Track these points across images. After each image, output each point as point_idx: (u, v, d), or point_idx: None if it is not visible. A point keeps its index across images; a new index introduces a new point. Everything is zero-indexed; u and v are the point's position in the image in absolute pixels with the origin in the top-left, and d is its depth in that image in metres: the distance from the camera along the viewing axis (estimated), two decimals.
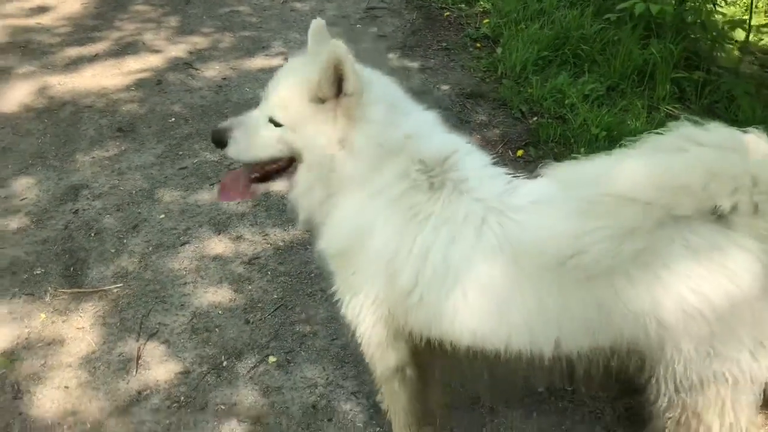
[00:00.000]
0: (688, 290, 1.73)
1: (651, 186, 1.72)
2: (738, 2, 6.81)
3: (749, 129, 1.84)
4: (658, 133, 1.86)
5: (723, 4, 5.87)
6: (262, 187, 2.16)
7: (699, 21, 5.35)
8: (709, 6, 5.53)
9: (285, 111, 1.97)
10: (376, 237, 1.95)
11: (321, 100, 1.91)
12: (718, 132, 1.78)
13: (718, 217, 1.72)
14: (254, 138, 2.02)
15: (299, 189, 2.04)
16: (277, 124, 1.99)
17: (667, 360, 1.83)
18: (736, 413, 1.90)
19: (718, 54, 5.32)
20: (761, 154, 1.73)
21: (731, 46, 5.37)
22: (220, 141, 2.06)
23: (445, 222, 1.92)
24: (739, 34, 5.42)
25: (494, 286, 1.88)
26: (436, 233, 1.92)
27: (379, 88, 2.03)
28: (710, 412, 1.90)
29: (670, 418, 1.99)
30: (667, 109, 4.74)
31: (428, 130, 2.04)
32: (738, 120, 4.40)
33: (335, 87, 1.89)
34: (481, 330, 1.93)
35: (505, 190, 1.98)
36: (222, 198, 2.25)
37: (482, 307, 1.90)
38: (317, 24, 2.17)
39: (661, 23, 5.33)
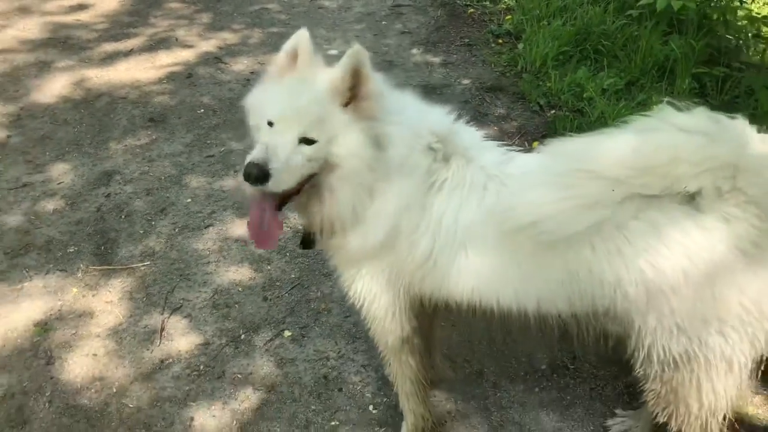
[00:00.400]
0: (648, 265, 1.81)
1: (620, 164, 1.81)
2: None
3: (737, 115, 1.90)
4: (644, 114, 1.94)
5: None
6: (282, 215, 2.05)
7: (722, 17, 5.35)
8: (734, 3, 5.53)
9: (321, 125, 1.91)
10: (408, 216, 2.03)
11: (347, 105, 1.93)
12: (694, 116, 1.83)
13: (689, 198, 1.79)
14: (291, 165, 1.89)
15: (345, 199, 1.98)
16: (310, 142, 1.90)
17: (637, 332, 1.91)
18: (715, 394, 1.95)
19: (742, 50, 5.32)
20: (733, 141, 1.79)
21: (753, 41, 5.36)
22: (263, 177, 1.85)
23: (455, 187, 2.03)
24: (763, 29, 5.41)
25: (487, 247, 1.99)
26: (449, 198, 2.03)
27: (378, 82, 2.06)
28: (686, 390, 1.96)
29: (652, 391, 2.07)
30: (687, 103, 4.77)
31: (425, 106, 2.17)
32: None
33: (353, 91, 1.93)
34: (478, 286, 2.03)
35: (502, 159, 2.10)
36: (260, 247, 2.08)
37: (479, 266, 2.01)
38: (303, 35, 2.05)
39: (683, 19, 5.36)
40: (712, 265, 1.78)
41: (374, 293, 2.19)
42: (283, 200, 1.99)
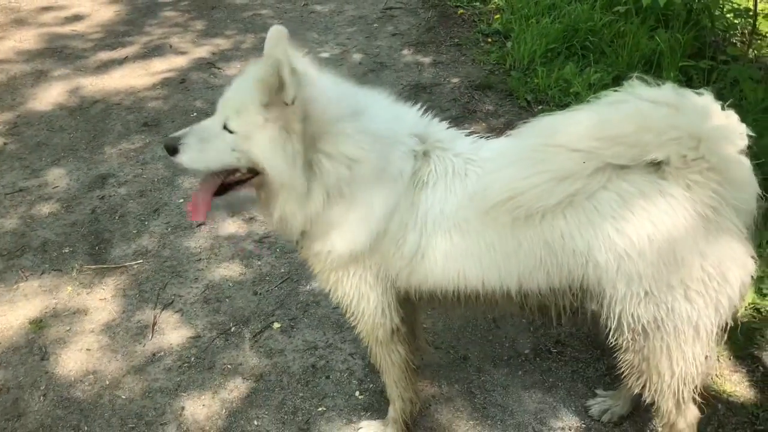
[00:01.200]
0: (615, 231, 1.88)
1: (589, 136, 1.87)
2: None
3: (702, 90, 1.97)
4: (614, 90, 2.01)
5: None
6: (222, 201, 2.10)
7: (707, 11, 5.41)
8: None
9: (238, 117, 1.93)
10: (395, 217, 2.08)
11: (276, 105, 1.88)
12: (661, 89, 1.91)
13: (655, 167, 1.86)
14: (207, 146, 1.96)
15: (277, 205, 2.01)
16: (231, 132, 1.94)
17: (608, 300, 1.97)
18: (686, 360, 2.01)
19: (727, 43, 5.38)
20: (696, 112, 1.86)
21: (738, 34, 5.42)
22: (172, 148, 1.98)
23: (438, 179, 2.09)
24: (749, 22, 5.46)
25: (470, 229, 2.05)
26: (434, 191, 2.09)
27: (324, 90, 2.01)
28: (657, 358, 2.03)
29: (626, 362, 2.13)
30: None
31: (397, 107, 2.20)
32: (742, 104, 4.47)
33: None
34: (463, 270, 2.08)
35: (474, 145, 2.16)
36: (190, 218, 2.26)
37: (464, 249, 2.06)
38: (276, 31, 2.01)
39: (670, 14, 5.42)
40: (674, 229, 1.86)
41: (362, 292, 2.23)
42: (224, 186, 2.05)
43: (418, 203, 2.08)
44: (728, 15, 5.57)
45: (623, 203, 1.88)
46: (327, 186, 1.98)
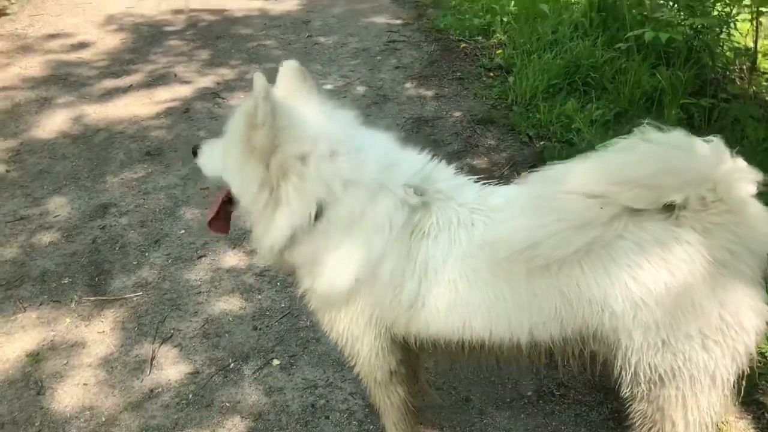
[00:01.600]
0: (632, 280, 1.86)
1: (605, 181, 1.87)
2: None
3: (711, 138, 1.97)
4: (623, 137, 2.01)
5: (735, 30, 5.96)
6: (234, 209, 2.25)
7: (707, 49, 5.46)
8: (722, 35, 5.63)
9: (225, 143, 2.08)
10: (385, 265, 2.07)
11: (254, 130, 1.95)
12: (673, 134, 1.91)
13: (669, 212, 1.85)
14: (211, 156, 2.19)
15: (253, 231, 2.14)
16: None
17: (624, 350, 1.94)
18: (700, 410, 1.98)
19: (728, 81, 5.42)
20: (709, 155, 1.87)
21: (738, 72, 5.46)
22: (194, 151, 2.25)
23: (441, 230, 2.07)
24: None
25: (479, 279, 2.02)
26: (436, 242, 2.06)
27: (321, 126, 2.07)
28: (672, 407, 1.99)
29: (638, 411, 2.10)
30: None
31: (396, 154, 2.17)
32: (744, 144, 4.49)
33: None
34: (469, 321, 2.05)
35: (482, 193, 2.15)
36: (211, 232, 2.38)
37: (471, 300, 2.03)
38: (286, 65, 2.18)
39: (671, 51, 5.47)
40: (692, 276, 1.84)
41: (355, 335, 2.23)
42: (230, 198, 2.20)
43: (416, 253, 2.06)
44: (728, 53, 5.62)
45: (640, 251, 1.86)
46: (292, 218, 2.02)
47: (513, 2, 6.95)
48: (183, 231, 4.06)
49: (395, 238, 2.06)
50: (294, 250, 2.09)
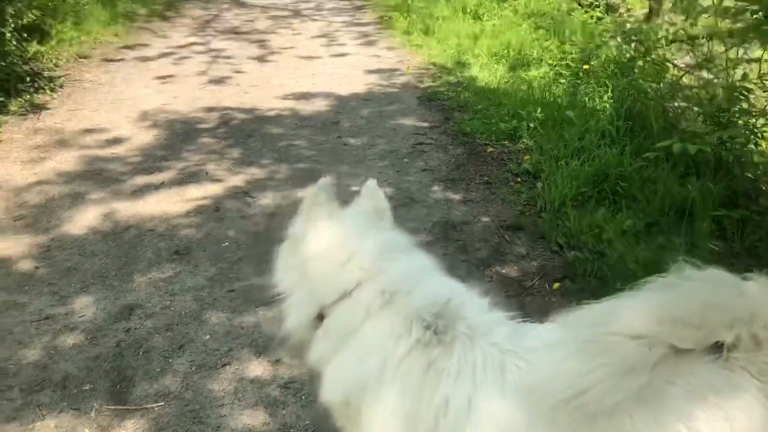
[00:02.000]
0: (686, 430, 1.75)
1: (651, 320, 1.78)
2: None
3: (750, 275, 1.91)
4: (660, 276, 1.95)
5: (762, 140, 5.98)
6: None
7: (736, 160, 5.46)
8: (749, 145, 5.65)
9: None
10: (390, 391, 1.99)
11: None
12: (712, 271, 1.85)
13: (719, 354, 1.76)
14: None
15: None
16: None
17: None
18: None
19: (759, 192, 5.39)
20: (756, 293, 1.79)
21: None
22: None
23: (464, 370, 1.97)
24: None
25: (511, 426, 1.93)
26: (456, 382, 1.96)
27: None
28: None
29: None
30: (710, 246, 4.78)
31: (414, 280, 2.12)
32: None
33: None
34: None
35: (515, 333, 2.06)
36: None
37: None
38: (370, 186, 2.34)
39: (700, 161, 5.48)
40: (749, 425, 1.72)
41: None
42: None
43: (431, 388, 1.97)
44: (758, 163, 5.61)
45: (692, 398, 1.76)
46: (299, 314, 2.19)
47: (539, 108, 7.09)
48: (208, 336, 4.00)
49: (394, 363, 1.99)
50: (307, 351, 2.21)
